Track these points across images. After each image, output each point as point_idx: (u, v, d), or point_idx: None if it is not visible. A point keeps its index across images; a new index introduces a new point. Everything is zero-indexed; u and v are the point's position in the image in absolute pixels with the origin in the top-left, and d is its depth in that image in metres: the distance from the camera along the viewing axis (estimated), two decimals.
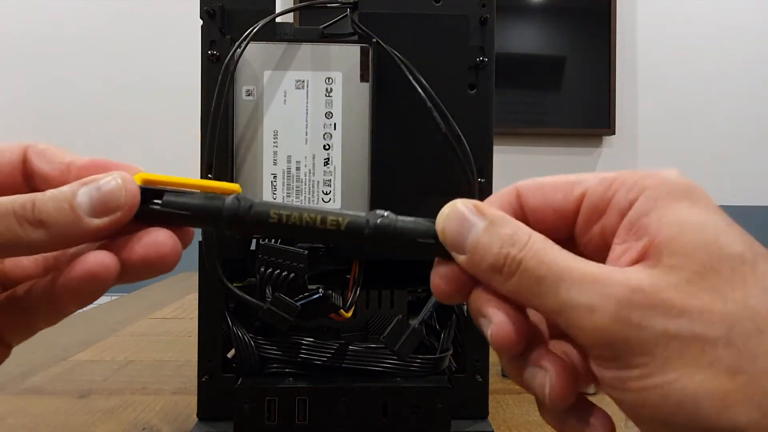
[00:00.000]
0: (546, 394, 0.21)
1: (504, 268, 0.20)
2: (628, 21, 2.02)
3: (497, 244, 0.21)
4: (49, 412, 0.48)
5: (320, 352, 0.41)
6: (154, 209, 0.22)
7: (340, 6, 0.43)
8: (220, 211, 0.22)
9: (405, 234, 0.23)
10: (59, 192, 0.21)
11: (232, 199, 0.22)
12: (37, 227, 0.21)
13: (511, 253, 0.20)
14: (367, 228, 0.22)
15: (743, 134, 2.06)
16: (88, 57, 1.92)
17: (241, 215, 0.22)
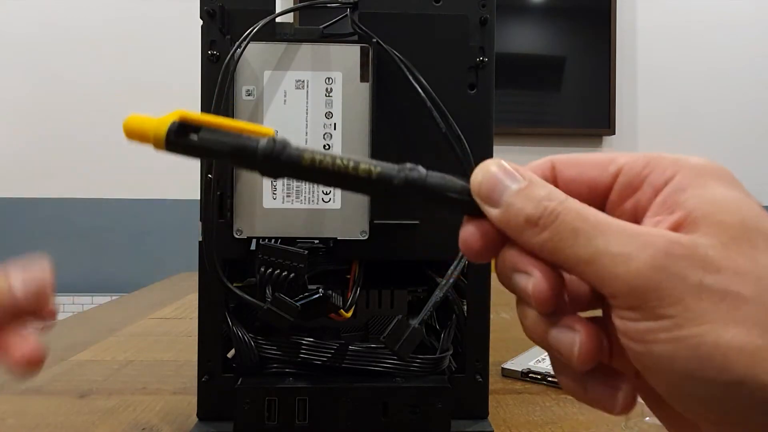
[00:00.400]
0: (575, 352, 0.21)
1: (540, 220, 0.21)
2: (628, 21, 2.02)
3: (535, 199, 0.21)
4: (49, 412, 0.48)
5: (320, 352, 0.41)
6: (192, 141, 0.23)
7: (340, 6, 0.43)
8: (255, 149, 0.22)
9: (436, 188, 0.23)
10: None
11: (268, 140, 0.22)
12: None
13: (549, 206, 0.21)
14: (397, 179, 0.23)
15: (743, 134, 2.06)
16: (88, 57, 1.92)
17: (275, 155, 0.22)
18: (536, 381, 0.55)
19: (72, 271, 1.92)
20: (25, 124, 1.92)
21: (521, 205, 0.21)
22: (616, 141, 2.03)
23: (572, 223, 0.20)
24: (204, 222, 0.40)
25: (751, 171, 2.06)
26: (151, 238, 1.93)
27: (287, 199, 0.41)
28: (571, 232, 0.20)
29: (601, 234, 0.20)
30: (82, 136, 1.92)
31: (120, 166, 1.92)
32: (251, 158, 0.22)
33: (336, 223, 0.41)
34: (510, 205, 0.21)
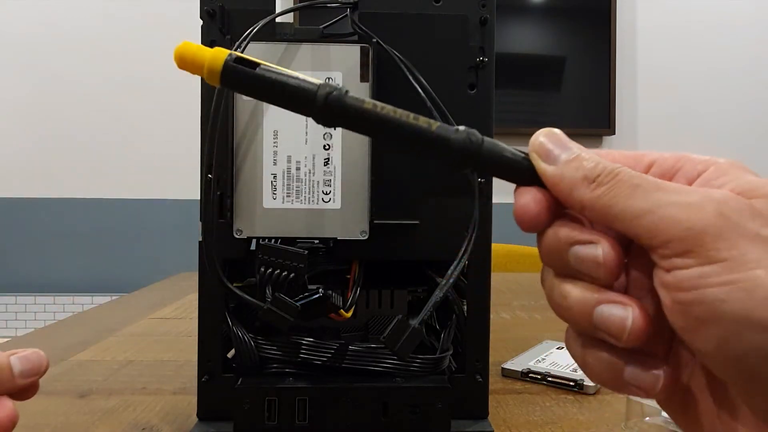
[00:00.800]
0: (627, 326, 0.21)
1: (599, 177, 0.21)
2: (628, 21, 2.02)
3: (594, 160, 0.22)
4: (49, 412, 0.48)
5: (320, 352, 0.41)
6: (251, 73, 0.22)
7: (340, 6, 0.43)
8: (315, 92, 0.21)
9: (493, 151, 0.22)
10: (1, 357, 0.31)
11: (328, 84, 0.22)
12: None
13: (608, 167, 0.21)
14: (455, 137, 0.22)
15: (743, 134, 2.06)
16: (88, 57, 1.92)
17: (336, 98, 0.21)
18: (536, 381, 0.55)
19: (72, 271, 1.92)
20: (25, 124, 1.92)
21: (579, 164, 0.22)
22: (616, 141, 2.03)
23: (631, 180, 0.21)
24: (204, 222, 0.40)
25: None
26: (151, 238, 1.93)
27: (287, 199, 0.41)
28: (630, 187, 0.21)
29: (661, 189, 0.20)
30: (82, 136, 1.92)
31: (120, 166, 1.92)
32: (310, 101, 0.21)
33: (336, 223, 0.41)
34: (568, 162, 0.22)
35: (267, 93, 0.22)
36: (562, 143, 0.23)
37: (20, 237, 1.92)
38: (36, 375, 0.31)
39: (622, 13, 2.00)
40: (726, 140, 2.05)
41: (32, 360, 0.31)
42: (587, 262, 0.21)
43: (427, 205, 0.42)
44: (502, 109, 1.93)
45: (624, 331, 0.21)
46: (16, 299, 1.87)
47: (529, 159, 0.23)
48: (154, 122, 1.92)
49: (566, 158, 0.22)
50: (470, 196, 0.40)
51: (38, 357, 0.32)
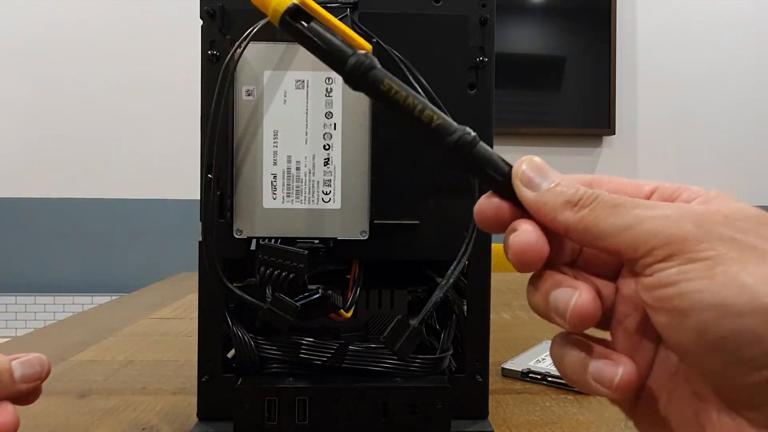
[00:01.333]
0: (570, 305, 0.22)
1: (580, 201, 0.23)
2: (628, 21, 2.02)
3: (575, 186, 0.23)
4: (49, 412, 0.48)
5: (320, 352, 0.41)
6: (300, 27, 0.25)
7: (340, 6, 0.43)
8: (347, 58, 0.24)
9: (479, 160, 0.24)
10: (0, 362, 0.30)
11: (362, 54, 0.24)
12: None
13: (589, 191, 0.23)
14: (449, 137, 0.24)
15: (743, 134, 2.06)
16: (88, 57, 1.92)
17: (361, 70, 0.24)
18: (536, 381, 0.55)
19: (72, 271, 1.92)
20: (25, 124, 1.92)
21: (561, 190, 0.23)
22: (616, 141, 2.03)
23: (612, 200, 0.22)
24: (204, 222, 0.40)
25: (751, 171, 2.06)
26: (151, 238, 1.93)
27: (287, 199, 0.41)
28: (611, 207, 0.22)
29: (640, 206, 0.22)
30: (82, 136, 1.92)
31: (120, 166, 1.92)
32: (341, 65, 0.24)
33: (336, 223, 0.41)
34: (550, 188, 0.23)
35: (310, 46, 0.25)
36: (543, 172, 0.24)
37: (20, 237, 1.92)
38: (37, 380, 0.31)
39: (622, 13, 2.00)
40: (726, 140, 2.05)
41: (33, 364, 0.31)
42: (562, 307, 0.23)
43: (427, 205, 0.42)
44: (502, 109, 1.93)
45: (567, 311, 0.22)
46: (16, 299, 1.87)
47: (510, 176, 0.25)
48: (154, 122, 1.92)
49: (548, 186, 0.24)
50: (470, 196, 0.40)
51: (40, 361, 0.31)
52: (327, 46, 0.24)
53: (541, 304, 0.24)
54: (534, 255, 0.23)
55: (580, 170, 2.05)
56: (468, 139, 0.24)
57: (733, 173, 2.05)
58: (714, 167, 2.05)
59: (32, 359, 0.31)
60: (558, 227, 0.23)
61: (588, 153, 2.04)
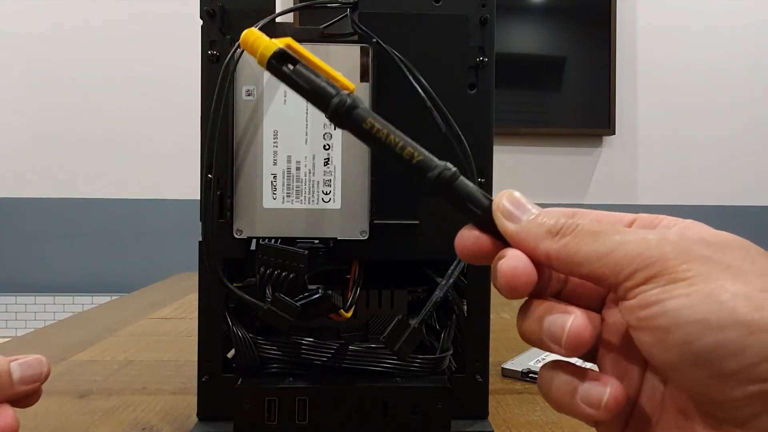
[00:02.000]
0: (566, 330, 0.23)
1: (562, 229, 0.23)
2: (628, 21, 2.02)
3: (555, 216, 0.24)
4: (49, 412, 0.48)
5: (320, 352, 0.41)
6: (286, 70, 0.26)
7: (340, 6, 0.43)
8: (331, 98, 0.25)
9: (460, 195, 0.25)
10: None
11: (345, 94, 0.25)
12: None
13: (569, 221, 0.23)
14: (430, 172, 0.25)
15: (743, 134, 2.06)
16: (88, 57, 1.92)
17: (344, 110, 0.25)
18: (536, 381, 0.55)
19: (72, 271, 1.92)
20: (26, 124, 1.92)
21: (542, 220, 0.24)
22: (616, 141, 2.03)
23: (592, 228, 0.23)
24: (204, 222, 0.40)
25: (751, 171, 2.06)
26: (151, 238, 1.93)
27: (287, 199, 0.41)
28: (592, 234, 0.23)
29: (621, 232, 0.22)
30: (83, 136, 1.92)
31: (120, 166, 1.92)
32: (325, 105, 0.25)
33: (336, 223, 0.41)
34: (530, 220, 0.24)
35: (296, 88, 0.26)
36: (523, 206, 0.25)
37: (20, 237, 1.92)
38: (37, 381, 0.31)
39: (622, 13, 2.00)
40: (726, 140, 2.05)
41: (33, 366, 0.31)
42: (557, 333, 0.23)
43: (427, 205, 0.42)
44: (502, 109, 1.93)
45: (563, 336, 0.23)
46: (16, 299, 1.87)
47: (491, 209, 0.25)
48: (154, 122, 1.92)
49: (528, 217, 0.24)
50: None
51: (39, 363, 0.31)
52: (311, 88, 0.26)
53: (534, 331, 0.24)
54: (523, 279, 0.24)
55: (580, 170, 2.05)
56: (448, 174, 0.25)
57: (733, 173, 2.05)
58: (714, 167, 2.05)
59: (32, 361, 0.31)
60: (540, 256, 0.24)
61: (588, 153, 2.04)
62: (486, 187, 0.42)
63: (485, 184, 0.42)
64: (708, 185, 2.05)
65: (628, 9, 2.02)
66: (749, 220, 2.05)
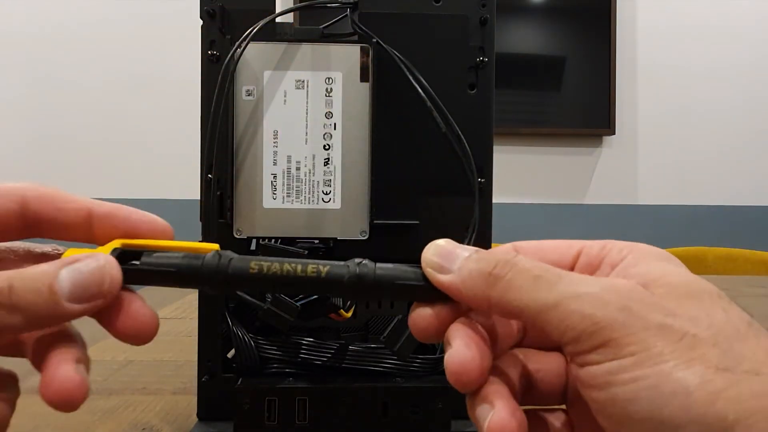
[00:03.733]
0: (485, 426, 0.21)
1: (496, 269, 0.21)
2: (628, 21, 2.02)
3: (488, 256, 0.22)
4: (49, 412, 0.47)
5: (320, 352, 0.41)
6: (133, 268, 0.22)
7: (340, 6, 0.43)
8: (200, 267, 0.22)
9: (386, 278, 0.23)
10: (38, 274, 0.20)
11: (212, 255, 0.22)
12: (13, 312, 0.20)
13: (504, 258, 0.21)
14: (345, 278, 0.22)
15: (743, 134, 2.06)
16: (88, 57, 1.92)
17: (221, 270, 0.22)
18: None
19: None
20: (25, 124, 1.92)
21: (475, 265, 0.21)
22: (616, 141, 2.03)
23: (531, 270, 0.21)
24: (204, 222, 0.40)
25: (751, 171, 2.06)
26: None
27: (287, 199, 0.41)
28: (532, 279, 0.20)
29: (563, 280, 0.20)
30: (82, 136, 1.92)
31: (120, 166, 1.92)
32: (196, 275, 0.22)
33: (336, 223, 0.41)
34: (463, 266, 0.22)
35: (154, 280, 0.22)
36: (450, 253, 0.23)
37: None
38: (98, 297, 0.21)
39: (622, 13, 2.00)
40: (726, 140, 2.05)
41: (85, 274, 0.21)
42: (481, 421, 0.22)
43: (427, 205, 0.42)
44: (502, 109, 1.93)
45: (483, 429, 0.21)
46: None
47: (424, 275, 0.23)
48: (154, 122, 1.92)
49: (460, 263, 0.22)
50: (470, 196, 0.40)
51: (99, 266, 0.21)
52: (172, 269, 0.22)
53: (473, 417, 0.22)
54: (472, 376, 0.21)
55: (580, 170, 2.06)
56: (364, 270, 0.23)
57: (733, 173, 2.05)
58: (714, 167, 2.05)
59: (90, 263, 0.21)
60: (481, 306, 0.22)
61: (588, 153, 2.04)
62: (486, 187, 0.42)
63: (485, 184, 0.42)
64: (708, 185, 2.05)
65: (628, 9, 2.02)
66: (749, 220, 2.05)
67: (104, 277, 0.21)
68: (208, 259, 0.22)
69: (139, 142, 1.92)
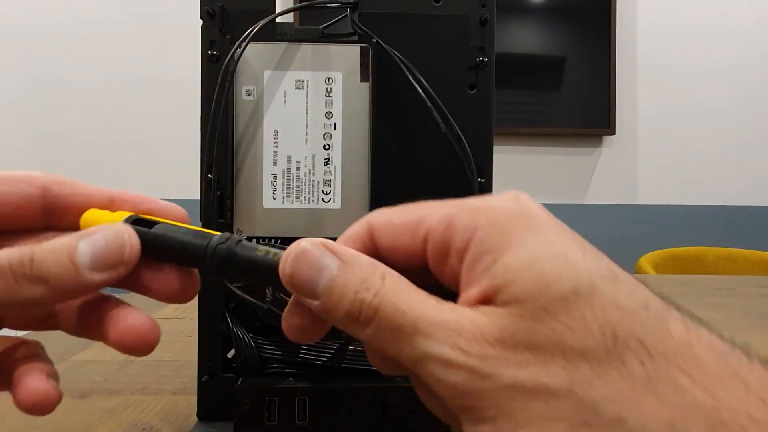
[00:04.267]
0: None
1: (360, 315, 0.19)
2: (628, 21, 2.02)
3: (351, 290, 0.19)
4: None
5: (320, 352, 0.41)
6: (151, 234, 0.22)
7: (340, 6, 0.43)
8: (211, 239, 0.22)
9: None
10: (59, 245, 0.20)
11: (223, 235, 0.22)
12: (35, 283, 0.20)
13: (366, 299, 0.19)
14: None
15: (743, 134, 2.06)
16: (88, 56, 1.92)
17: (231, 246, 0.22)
18: None
19: None
20: (25, 124, 1.92)
21: (338, 299, 0.20)
22: (616, 141, 2.03)
23: (392, 321, 0.19)
24: (204, 222, 0.40)
25: (751, 171, 2.06)
26: None
27: (287, 199, 0.41)
28: (393, 333, 0.19)
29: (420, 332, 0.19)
30: (82, 136, 1.92)
31: (120, 166, 1.92)
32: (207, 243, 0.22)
33: (336, 223, 0.41)
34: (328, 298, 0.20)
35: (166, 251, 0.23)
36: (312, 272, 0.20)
37: None
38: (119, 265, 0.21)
39: (622, 13, 2.00)
40: (726, 140, 2.05)
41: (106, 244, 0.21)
42: None
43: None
44: (502, 109, 1.93)
45: None
46: None
47: None
48: (154, 122, 1.92)
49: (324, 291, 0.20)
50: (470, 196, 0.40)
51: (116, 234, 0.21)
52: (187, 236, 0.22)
53: None
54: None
55: (580, 170, 2.06)
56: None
57: (733, 173, 2.05)
58: (714, 167, 2.05)
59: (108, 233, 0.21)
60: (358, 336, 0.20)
61: (588, 153, 2.04)
62: (486, 187, 0.42)
63: (485, 184, 0.42)
64: (708, 185, 2.05)
65: (628, 9, 2.02)
66: (749, 220, 2.05)
67: (124, 245, 0.21)
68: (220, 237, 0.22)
69: (139, 142, 1.92)
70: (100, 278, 0.21)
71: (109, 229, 0.21)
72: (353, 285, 0.20)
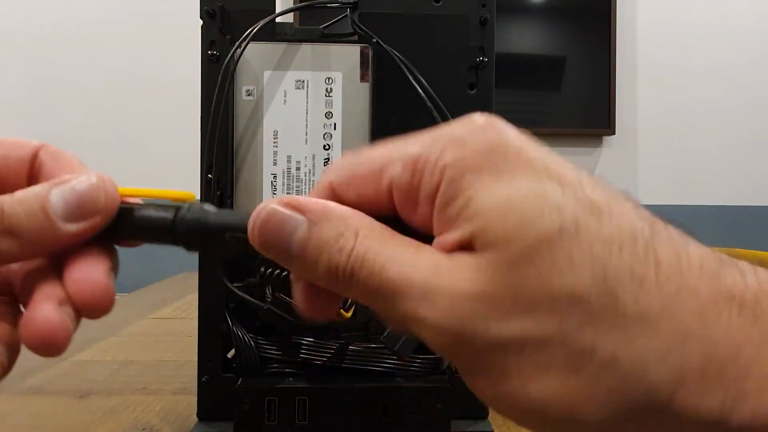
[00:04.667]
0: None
1: (339, 277, 0.18)
2: (628, 21, 2.02)
3: (325, 248, 0.18)
4: (49, 412, 0.48)
5: (320, 352, 0.41)
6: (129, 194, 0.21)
7: (340, 6, 0.43)
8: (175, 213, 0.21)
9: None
10: (32, 194, 0.19)
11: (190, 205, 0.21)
12: (7, 236, 0.18)
13: (341, 262, 0.18)
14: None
15: (743, 134, 2.06)
16: (88, 56, 1.92)
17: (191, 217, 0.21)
18: None
19: None
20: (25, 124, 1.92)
21: (313, 262, 0.18)
22: (616, 141, 2.03)
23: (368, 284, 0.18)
24: None
25: (751, 171, 2.06)
26: None
27: None
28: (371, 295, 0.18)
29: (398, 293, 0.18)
30: (82, 136, 1.92)
31: (120, 166, 1.92)
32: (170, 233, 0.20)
33: None
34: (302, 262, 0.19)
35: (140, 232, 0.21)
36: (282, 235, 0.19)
37: None
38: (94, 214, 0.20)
39: (622, 13, 2.00)
40: (726, 140, 2.05)
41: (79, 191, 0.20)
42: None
43: None
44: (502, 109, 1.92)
45: None
46: None
47: None
48: (154, 122, 1.92)
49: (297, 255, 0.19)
50: None
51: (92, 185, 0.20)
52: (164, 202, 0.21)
53: None
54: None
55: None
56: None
57: (733, 173, 2.05)
58: (714, 167, 2.05)
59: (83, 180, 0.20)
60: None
61: (588, 153, 2.04)
62: None
63: None
64: (708, 185, 2.05)
65: (628, 9, 2.02)
66: (749, 220, 2.05)
67: (98, 193, 0.20)
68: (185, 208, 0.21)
69: (139, 142, 1.92)
70: (75, 229, 0.19)
71: (84, 175, 0.20)
72: (326, 245, 0.18)
